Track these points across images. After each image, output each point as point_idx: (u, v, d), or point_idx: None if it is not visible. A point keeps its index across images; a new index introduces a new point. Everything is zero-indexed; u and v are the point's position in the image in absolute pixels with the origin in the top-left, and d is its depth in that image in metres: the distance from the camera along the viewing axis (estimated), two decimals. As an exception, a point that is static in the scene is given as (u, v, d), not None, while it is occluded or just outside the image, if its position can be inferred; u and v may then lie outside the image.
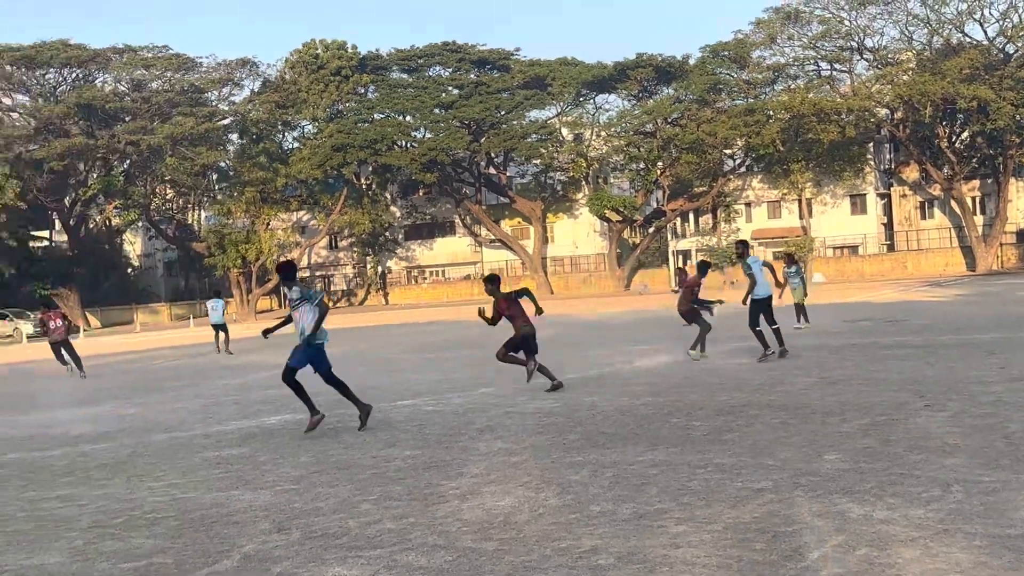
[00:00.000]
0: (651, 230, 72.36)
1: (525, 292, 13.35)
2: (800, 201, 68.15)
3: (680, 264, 68.08)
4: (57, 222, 73.16)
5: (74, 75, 68.77)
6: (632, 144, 69.28)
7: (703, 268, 16.79)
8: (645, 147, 68.32)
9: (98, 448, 11.32)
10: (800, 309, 21.97)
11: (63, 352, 22.87)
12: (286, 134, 74.80)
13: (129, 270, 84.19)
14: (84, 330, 60.79)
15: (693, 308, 16.24)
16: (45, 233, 73.79)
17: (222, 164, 71.40)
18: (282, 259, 12.79)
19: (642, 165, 69.87)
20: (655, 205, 73.80)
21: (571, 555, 5.53)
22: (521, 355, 13.18)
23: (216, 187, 74.33)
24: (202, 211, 79.31)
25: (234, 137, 73.19)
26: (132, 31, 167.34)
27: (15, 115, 68.20)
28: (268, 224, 71.24)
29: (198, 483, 8.68)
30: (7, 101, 68.50)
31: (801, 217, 68.18)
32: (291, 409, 13.17)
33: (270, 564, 5.91)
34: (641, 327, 27.11)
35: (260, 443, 10.73)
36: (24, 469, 10.26)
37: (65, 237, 73.31)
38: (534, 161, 73.52)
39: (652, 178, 69.08)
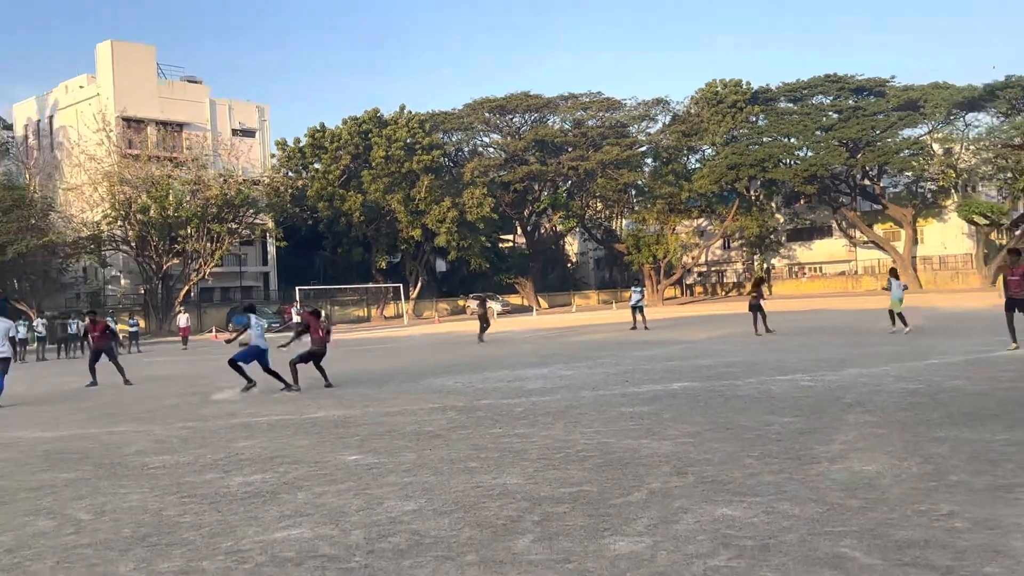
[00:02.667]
0: (1018, 232, 68.32)
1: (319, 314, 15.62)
2: None
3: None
4: (518, 228, 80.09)
5: (532, 118, 74.34)
6: (1000, 156, 66.30)
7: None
8: (1013, 159, 65.14)
9: (544, 400, 11.95)
10: None
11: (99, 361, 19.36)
12: (689, 156, 76.36)
13: (568, 265, 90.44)
14: (535, 309, 68.46)
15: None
16: (509, 237, 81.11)
17: (639, 182, 74.60)
18: (247, 303, 15.73)
19: (1010, 175, 66.58)
20: (1022, 210, 70.00)
21: (929, 516, 5.32)
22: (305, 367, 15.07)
23: (634, 200, 77.90)
24: (623, 219, 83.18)
25: (648, 160, 75.86)
26: (575, 81, 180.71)
27: (491, 149, 76.18)
28: (674, 229, 73.95)
29: (616, 431, 8.95)
30: (485, 139, 76.87)
31: None
32: (689, 378, 13.66)
33: (671, 500, 6.01)
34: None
35: (664, 403, 10.87)
36: (493, 412, 10.95)
37: (523, 240, 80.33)
38: (906, 173, 72.33)
39: (1020, 186, 65.47)
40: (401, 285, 64.43)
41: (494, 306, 66.10)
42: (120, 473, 8.33)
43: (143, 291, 59.15)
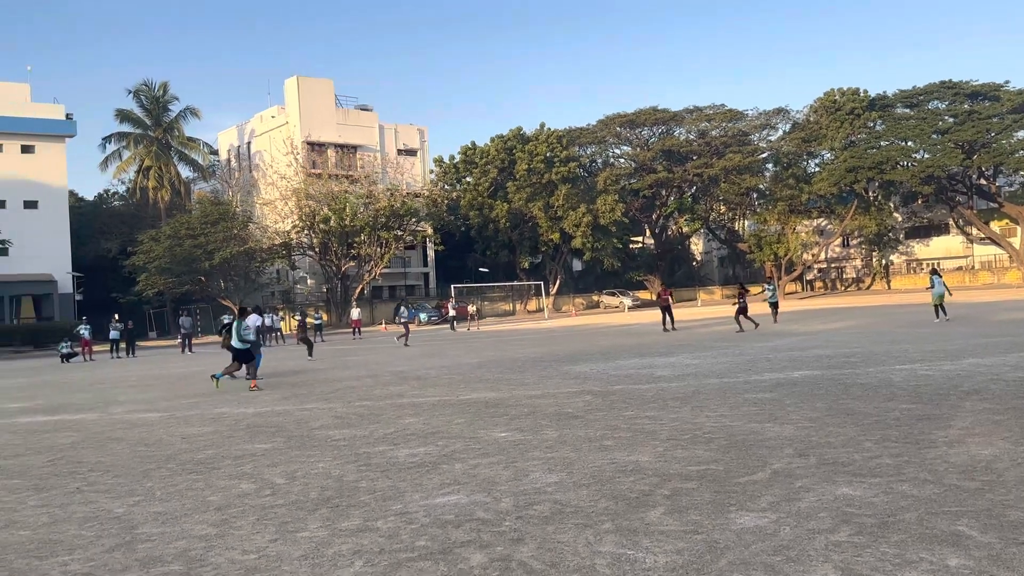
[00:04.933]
0: None
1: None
2: None
3: None
4: (647, 230, 78.18)
5: (659, 130, 71.91)
6: (1124, 153, 60.49)
7: None
8: None
9: (673, 385, 11.61)
10: None
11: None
12: (809, 161, 73.29)
13: (694, 263, 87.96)
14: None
15: None
16: (639, 238, 79.35)
17: (760, 186, 71.05)
18: (246, 307, 15.16)
19: None
20: None
21: (1047, 500, 4.87)
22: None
23: (756, 202, 75.13)
24: (745, 220, 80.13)
25: (769, 166, 73.06)
26: (700, 94, 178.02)
27: (621, 160, 74.85)
28: (794, 229, 71.22)
29: (740, 415, 8.65)
30: (617, 151, 75.36)
31: None
32: (810, 367, 13.01)
33: (793, 480, 5.77)
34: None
35: (786, 390, 10.40)
36: (625, 397, 10.69)
37: (652, 241, 78.54)
38: (1021, 172, 66.59)
39: None
40: (542, 283, 64.75)
41: (626, 300, 66.29)
42: (308, 444, 8.71)
43: (325, 289, 61.90)
